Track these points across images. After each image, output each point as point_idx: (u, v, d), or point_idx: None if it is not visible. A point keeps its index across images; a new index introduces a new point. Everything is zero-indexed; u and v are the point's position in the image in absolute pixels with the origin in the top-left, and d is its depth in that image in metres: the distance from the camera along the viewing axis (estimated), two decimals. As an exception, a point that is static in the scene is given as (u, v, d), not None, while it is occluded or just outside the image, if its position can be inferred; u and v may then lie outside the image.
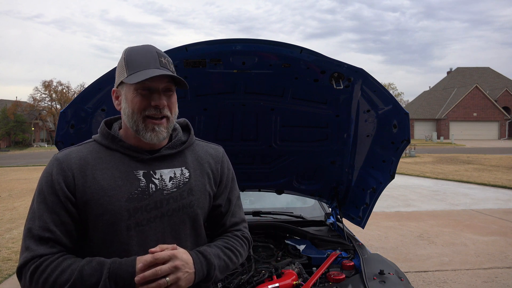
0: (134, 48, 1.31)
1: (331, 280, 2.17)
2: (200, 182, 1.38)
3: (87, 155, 1.29)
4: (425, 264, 5.13)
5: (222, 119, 2.54)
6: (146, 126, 1.26)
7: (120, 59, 1.31)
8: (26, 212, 8.74)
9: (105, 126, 1.36)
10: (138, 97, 1.25)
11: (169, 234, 1.29)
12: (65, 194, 1.23)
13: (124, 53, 1.31)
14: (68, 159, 1.27)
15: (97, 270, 1.15)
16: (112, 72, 1.98)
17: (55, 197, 1.23)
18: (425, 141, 41.34)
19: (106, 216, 1.22)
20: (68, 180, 1.24)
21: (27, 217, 1.25)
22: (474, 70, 56.43)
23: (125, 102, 1.29)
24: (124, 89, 1.29)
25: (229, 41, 1.97)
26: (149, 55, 1.27)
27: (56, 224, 1.21)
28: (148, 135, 1.27)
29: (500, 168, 16.31)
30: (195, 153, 1.42)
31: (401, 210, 8.54)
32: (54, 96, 52.95)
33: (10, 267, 5.23)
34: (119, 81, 1.30)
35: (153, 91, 1.26)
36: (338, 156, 2.75)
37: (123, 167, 1.28)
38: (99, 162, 1.28)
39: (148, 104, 1.25)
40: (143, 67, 1.24)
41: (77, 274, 1.15)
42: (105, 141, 1.32)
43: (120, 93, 1.32)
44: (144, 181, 1.28)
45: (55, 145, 2.15)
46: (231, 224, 1.47)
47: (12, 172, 17.90)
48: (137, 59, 1.26)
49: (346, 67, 2.11)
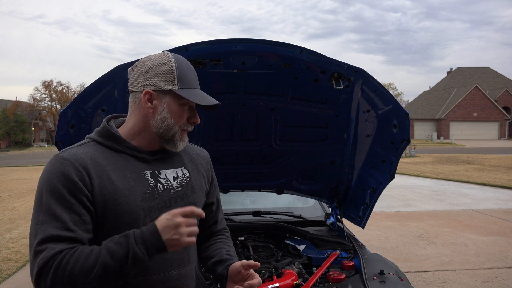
0: (183, 60, 1.34)
1: (331, 280, 2.17)
2: (199, 181, 1.45)
3: (95, 154, 1.26)
4: (425, 264, 5.13)
5: (222, 119, 2.54)
6: (181, 136, 1.35)
7: (166, 65, 1.29)
8: (26, 212, 8.74)
9: (107, 126, 1.34)
10: (185, 113, 1.33)
11: None
12: (83, 193, 1.19)
13: (174, 61, 1.30)
14: (80, 159, 1.23)
15: (122, 243, 1.14)
16: (112, 72, 1.98)
17: (72, 197, 1.18)
18: (425, 141, 41.34)
19: (125, 216, 1.22)
20: (84, 180, 1.20)
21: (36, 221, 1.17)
22: (474, 70, 56.45)
23: (167, 111, 1.30)
24: (167, 98, 1.29)
25: (229, 41, 1.97)
26: (193, 73, 1.36)
27: (77, 224, 1.17)
28: (180, 144, 1.35)
29: (500, 168, 16.31)
30: (188, 154, 1.48)
31: (401, 210, 8.54)
32: (54, 96, 52.98)
33: (10, 267, 5.23)
34: (166, 88, 1.28)
35: (193, 109, 1.35)
36: (338, 156, 2.75)
37: (132, 168, 1.29)
38: (108, 162, 1.27)
39: (186, 120, 1.35)
40: (192, 85, 1.33)
41: (104, 253, 1.12)
42: (107, 142, 1.31)
43: (158, 99, 1.29)
44: (153, 181, 1.30)
45: (55, 145, 2.15)
46: (220, 219, 1.63)
47: (12, 172, 17.90)
48: (189, 75, 1.33)
49: (346, 67, 2.11)
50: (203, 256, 1.54)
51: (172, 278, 1.32)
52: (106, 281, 1.13)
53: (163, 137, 1.32)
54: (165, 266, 1.31)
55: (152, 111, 1.30)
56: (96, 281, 1.12)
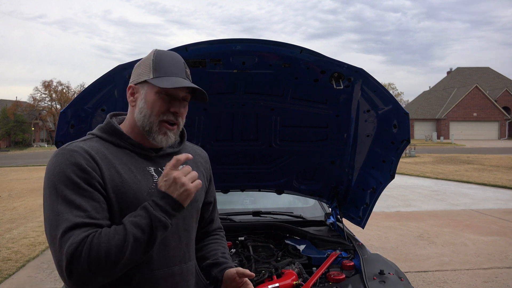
0: (164, 52, 1.34)
1: (331, 280, 2.17)
2: (200, 178, 1.44)
3: (100, 148, 1.27)
4: (425, 264, 5.13)
5: (222, 119, 2.54)
6: (160, 129, 1.31)
7: (147, 59, 1.33)
8: (26, 212, 8.74)
9: (111, 123, 1.35)
10: (159, 101, 1.29)
11: (182, 227, 1.37)
12: (98, 181, 1.19)
13: (153, 54, 1.33)
14: (87, 151, 1.22)
15: (141, 214, 1.15)
16: (112, 72, 1.98)
17: (89, 186, 1.17)
18: (425, 141, 41.34)
19: (132, 209, 1.22)
20: (95, 170, 1.20)
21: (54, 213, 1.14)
22: (474, 70, 56.45)
23: (144, 102, 1.30)
24: (145, 89, 1.31)
25: (229, 41, 1.97)
26: (178, 64, 1.33)
27: (98, 211, 1.17)
28: (159, 137, 1.31)
29: (500, 168, 16.31)
30: (187, 152, 1.49)
31: (401, 210, 8.55)
32: (54, 96, 52.98)
33: (10, 267, 5.22)
34: (141, 79, 1.31)
35: (173, 98, 1.30)
36: (338, 156, 2.75)
37: (136, 163, 1.30)
38: (114, 157, 1.28)
39: (167, 109, 1.30)
40: (171, 74, 1.29)
41: (129, 227, 1.13)
42: (111, 138, 1.32)
43: (138, 91, 1.33)
44: (157, 177, 1.31)
45: (55, 145, 2.16)
46: (216, 218, 1.67)
47: (12, 172, 17.90)
48: (167, 65, 1.30)
49: (346, 67, 2.11)
50: (198, 255, 1.55)
51: (174, 273, 1.34)
52: (138, 254, 1.15)
53: (144, 130, 1.31)
54: (168, 262, 1.32)
55: (134, 104, 1.34)
56: (130, 255, 1.12)
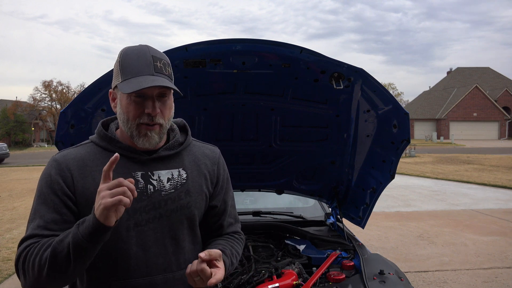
0: (129, 50, 1.26)
1: (331, 280, 2.17)
2: (197, 183, 1.39)
3: (84, 156, 1.30)
4: (425, 264, 5.13)
5: (222, 119, 2.54)
6: (139, 132, 1.26)
7: (116, 61, 1.28)
8: (26, 212, 8.75)
9: (102, 127, 1.35)
10: (132, 105, 1.24)
11: (168, 234, 1.32)
12: (65, 193, 1.24)
13: (119, 55, 1.27)
14: (66, 160, 1.28)
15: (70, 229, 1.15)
16: (111, 72, 1.98)
17: (55, 197, 1.23)
18: (425, 141, 41.33)
19: None
20: (67, 180, 1.25)
21: (28, 219, 1.26)
22: (474, 70, 56.42)
23: (120, 107, 1.28)
24: (119, 94, 1.28)
25: (229, 41, 1.97)
26: (143, 59, 1.23)
27: (57, 223, 1.21)
28: (140, 140, 1.26)
29: (500, 168, 16.31)
30: (192, 154, 1.43)
31: (401, 210, 8.54)
32: (54, 96, 52.93)
33: (10, 267, 5.24)
34: (114, 84, 1.29)
35: (146, 98, 1.23)
36: (338, 156, 2.75)
37: (121, 169, 1.27)
38: (97, 163, 1.28)
39: (142, 112, 1.24)
40: (136, 74, 1.21)
41: (55, 240, 1.15)
42: (102, 143, 1.33)
43: (116, 96, 1.31)
44: (143, 182, 1.29)
45: (55, 145, 2.16)
46: (228, 224, 1.51)
47: (12, 172, 17.89)
48: (131, 64, 1.23)
49: (346, 67, 2.11)
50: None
51: (156, 282, 1.29)
52: (57, 270, 1.12)
53: (130, 135, 1.28)
54: (149, 270, 1.28)
55: (116, 110, 1.32)
56: (50, 269, 1.12)
